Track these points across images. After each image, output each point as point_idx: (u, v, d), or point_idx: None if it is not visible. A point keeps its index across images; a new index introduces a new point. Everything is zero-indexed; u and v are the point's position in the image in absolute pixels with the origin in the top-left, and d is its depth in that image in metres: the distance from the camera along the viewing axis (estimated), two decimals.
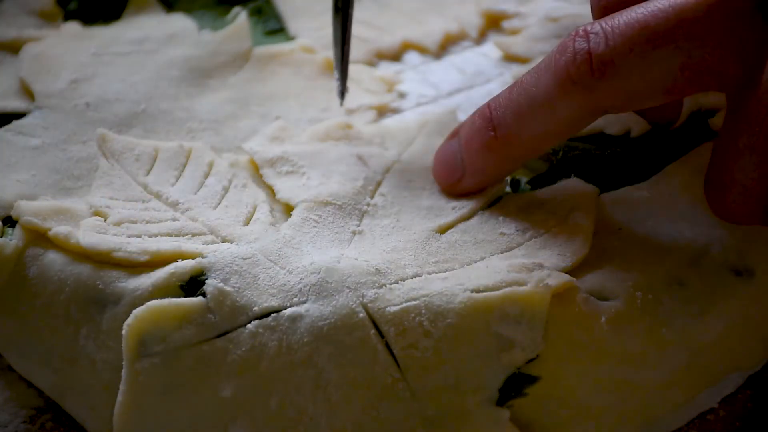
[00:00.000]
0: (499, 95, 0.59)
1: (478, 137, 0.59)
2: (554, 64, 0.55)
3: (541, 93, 0.56)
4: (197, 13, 0.79)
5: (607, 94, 0.54)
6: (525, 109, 0.57)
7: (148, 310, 0.54)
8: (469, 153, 0.60)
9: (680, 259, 0.58)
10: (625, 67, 0.53)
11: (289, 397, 0.54)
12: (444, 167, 0.62)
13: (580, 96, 0.55)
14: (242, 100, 0.71)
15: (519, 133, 0.58)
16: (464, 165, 0.60)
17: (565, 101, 0.55)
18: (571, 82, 0.54)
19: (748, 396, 0.59)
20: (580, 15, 0.77)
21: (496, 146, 0.59)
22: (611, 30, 0.54)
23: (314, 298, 0.55)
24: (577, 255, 0.58)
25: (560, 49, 0.55)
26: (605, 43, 0.54)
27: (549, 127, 0.57)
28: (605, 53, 0.53)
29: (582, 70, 0.54)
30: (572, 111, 0.56)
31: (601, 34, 0.54)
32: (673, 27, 0.53)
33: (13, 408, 0.60)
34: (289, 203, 0.62)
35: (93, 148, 0.66)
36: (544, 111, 0.56)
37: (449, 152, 0.61)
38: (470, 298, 0.54)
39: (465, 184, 0.61)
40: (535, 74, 0.57)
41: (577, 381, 0.55)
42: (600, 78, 0.54)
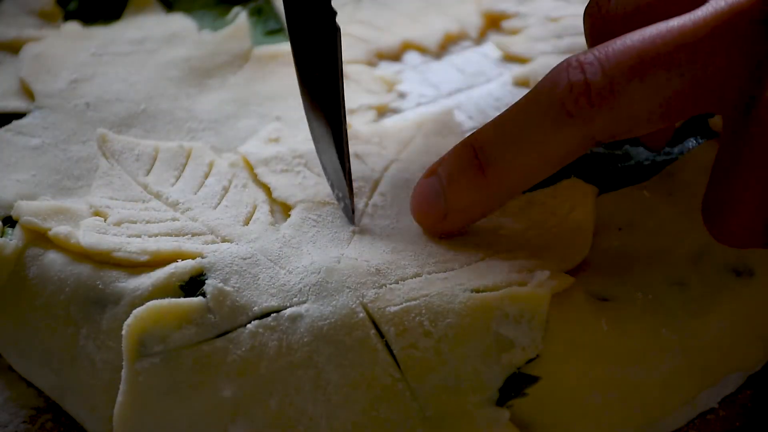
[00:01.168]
0: (482, 130, 0.57)
1: (463, 175, 0.57)
2: (547, 96, 0.53)
3: (533, 126, 0.54)
4: (197, 13, 0.79)
5: (605, 124, 0.53)
6: (515, 144, 0.55)
7: (147, 310, 0.54)
8: (454, 192, 0.57)
9: (680, 259, 0.58)
10: (624, 96, 0.52)
11: (289, 398, 0.54)
12: (425, 207, 0.59)
13: (576, 128, 0.53)
14: (242, 100, 0.71)
15: (509, 170, 0.55)
16: (447, 204, 0.57)
17: (560, 134, 0.53)
18: (568, 114, 0.52)
19: (748, 396, 0.59)
20: (580, 15, 0.77)
21: (484, 184, 0.56)
22: (606, 58, 0.52)
23: (314, 298, 0.55)
24: (577, 255, 0.58)
25: (552, 81, 0.53)
26: (602, 72, 0.52)
27: (541, 161, 0.55)
28: (603, 83, 0.52)
29: (580, 102, 0.52)
30: (567, 143, 0.54)
31: (596, 63, 0.52)
32: (672, 51, 0.51)
33: (13, 408, 0.60)
34: (286, 202, 0.62)
35: (93, 148, 0.66)
36: (537, 145, 0.54)
37: (430, 191, 0.58)
38: (470, 298, 0.54)
39: (449, 223, 0.58)
40: (524, 107, 0.55)
41: (577, 381, 0.55)
42: (598, 108, 0.52)
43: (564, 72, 0.53)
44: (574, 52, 0.73)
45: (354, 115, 0.70)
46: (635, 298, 0.56)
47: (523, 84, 0.73)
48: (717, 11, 0.52)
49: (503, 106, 0.72)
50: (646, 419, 0.56)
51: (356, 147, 0.66)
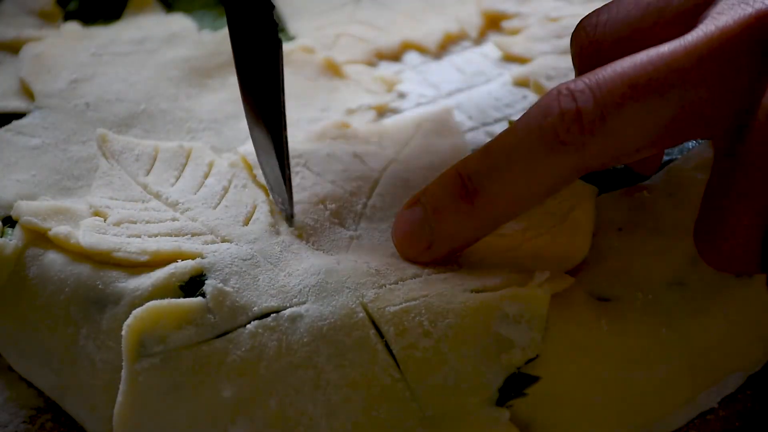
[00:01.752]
0: (470, 158, 0.56)
1: (451, 203, 0.56)
2: (538, 125, 0.52)
3: (524, 155, 0.53)
4: (197, 13, 0.79)
5: (597, 152, 0.52)
6: (505, 173, 0.54)
7: (147, 311, 0.54)
8: (440, 220, 0.56)
9: (680, 259, 0.58)
10: (615, 123, 0.51)
11: (289, 398, 0.54)
12: (409, 237, 0.57)
13: (568, 156, 0.52)
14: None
15: (498, 198, 0.55)
16: (433, 233, 0.56)
17: (551, 163, 0.52)
18: (560, 143, 0.52)
19: (748, 396, 0.59)
20: (580, 15, 0.77)
21: (473, 212, 0.55)
22: (597, 86, 0.52)
23: (314, 299, 0.55)
24: (577, 255, 0.58)
25: (543, 110, 0.52)
26: (593, 100, 0.51)
27: (532, 190, 0.54)
28: (594, 111, 0.51)
29: (572, 130, 0.51)
30: (559, 172, 0.53)
31: (587, 91, 0.52)
32: (663, 78, 0.51)
33: (13, 408, 0.60)
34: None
35: (93, 148, 0.66)
36: (527, 174, 0.53)
37: (413, 221, 0.57)
38: (470, 298, 0.54)
39: (434, 252, 0.57)
40: (513, 136, 0.54)
41: (577, 381, 0.55)
42: (591, 136, 0.51)
43: (555, 100, 0.52)
44: None
45: (354, 115, 0.70)
46: (635, 298, 0.56)
47: (523, 84, 0.73)
48: (707, 36, 0.51)
49: (503, 106, 0.72)
50: (646, 419, 0.56)
51: (356, 147, 0.66)
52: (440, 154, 0.66)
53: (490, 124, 0.71)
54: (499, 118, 0.71)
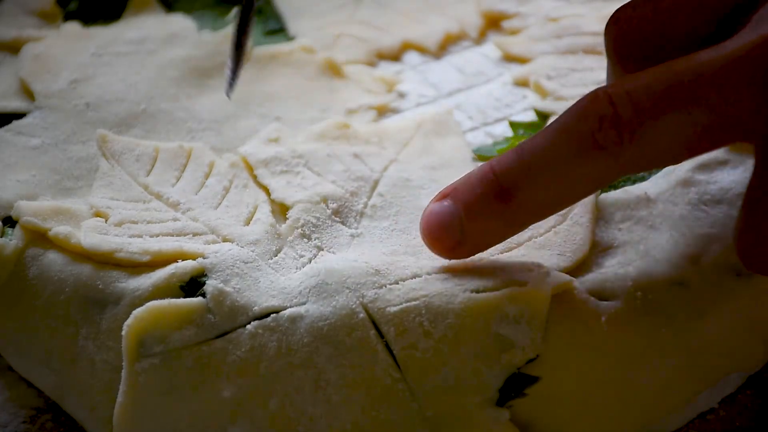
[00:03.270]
0: (504, 158, 0.55)
1: (482, 203, 0.55)
2: (576, 128, 0.52)
3: (559, 158, 0.53)
4: (197, 13, 0.79)
5: (633, 157, 0.52)
6: (538, 174, 0.53)
7: (147, 311, 0.54)
8: (472, 220, 0.55)
9: (680, 259, 0.58)
10: (653, 130, 0.51)
11: (289, 398, 0.54)
12: (439, 232, 0.56)
13: (603, 160, 0.52)
14: (242, 100, 0.71)
15: (533, 199, 0.54)
16: (465, 232, 0.55)
17: (587, 166, 0.52)
18: (597, 147, 0.51)
19: (748, 396, 0.59)
20: (580, 15, 0.77)
21: (506, 213, 0.54)
22: (635, 91, 0.51)
23: (314, 299, 0.55)
24: (577, 255, 0.58)
25: (581, 114, 0.52)
26: (631, 105, 0.51)
27: (566, 192, 0.54)
28: (632, 116, 0.51)
29: (609, 135, 0.51)
30: (594, 175, 0.53)
31: (625, 96, 0.51)
32: (703, 86, 0.50)
33: (13, 408, 0.60)
34: (284, 203, 0.62)
35: (93, 148, 0.66)
36: (563, 176, 0.53)
37: (444, 215, 0.56)
38: (470, 299, 0.54)
39: (464, 251, 0.56)
40: (550, 138, 0.53)
41: (577, 381, 0.55)
42: (628, 144, 0.51)
43: (593, 104, 0.52)
44: (574, 52, 0.74)
45: (354, 115, 0.70)
46: (635, 298, 0.56)
47: (523, 84, 0.73)
48: (747, 44, 0.51)
49: (503, 106, 0.72)
50: (646, 419, 0.56)
51: (356, 147, 0.66)
52: (440, 154, 0.66)
53: (490, 124, 0.71)
54: (499, 118, 0.71)
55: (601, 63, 0.72)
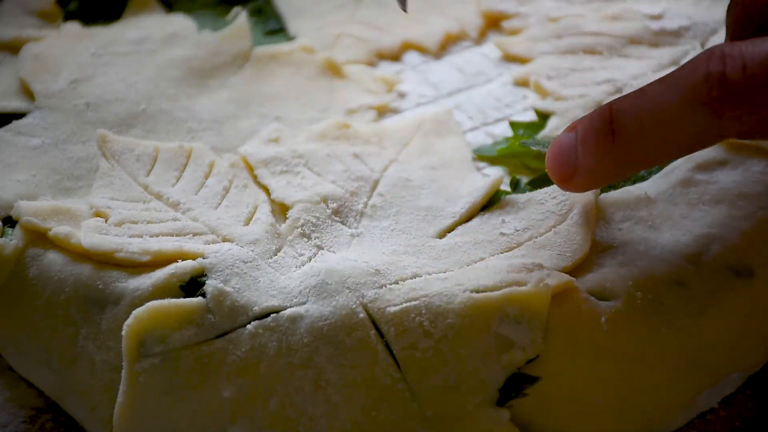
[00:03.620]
0: (621, 98, 0.56)
1: (595, 137, 0.56)
2: (684, 81, 0.53)
3: (667, 109, 0.53)
4: (197, 13, 0.79)
5: (735, 121, 0.52)
6: (647, 119, 0.54)
7: (147, 311, 0.54)
8: (585, 151, 0.56)
9: (680, 259, 0.58)
10: (759, 98, 0.51)
11: (289, 398, 0.54)
12: (558, 160, 0.58)
13: (706, 118, 0.52)
14: (242, 100, 0.71)
15: (637, 141, 0.55)
16: (578, 161, 0.57)
17: (690, 120, 0.52)
18: (701, 103, 0.52)
19: (748, 396, 0.59)
20: (581, 15, 0.77)
21: (613, 150, 0.55)
22: (751, 57, 0.51)
23: (314, 299, 0.55)
24: (577, 255, 0.58)
25: (692, 66, 0.53)
26: (742, 69, 0.51)
27: (668, 141, 0.54)
28: (741, 80, 0.51)
29: (713, 93, 0.51)
30: (696, 131, 0.53)
31: (738, 59, 0.51)
32: None
33: (13, 408, 0.60)
34: (284, 203, 0.62)
35: (93, 148, 0.66)
36: (669, 128, 0.53)
37: (565, 145, 0.57)
38: (470, 299, 0.54)
39: (577, 181, 0.57)
40: (664, 86, 0.54)
41: (577, 381, 0.55)
42: (731, 105, 0.51)
43: (705, 60, 0.52)
44: (574, 52, 0.74)
45: (354, 115, 0.70)
46: (635, 298, 0.56)
47: (523, 84, 0.73)
48: None
49: (503, 106, 0.72)
50: (646, 419, 0.56)
51: (356, 147, 0.66)
52: (440, 154, 0.66)
53: (490, 124, 0.71)
54: (499, 118, 0.71)
55: (601, 63, 0.72)
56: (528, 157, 0.66)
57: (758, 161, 0.62)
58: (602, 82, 0.71)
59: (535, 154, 0.65)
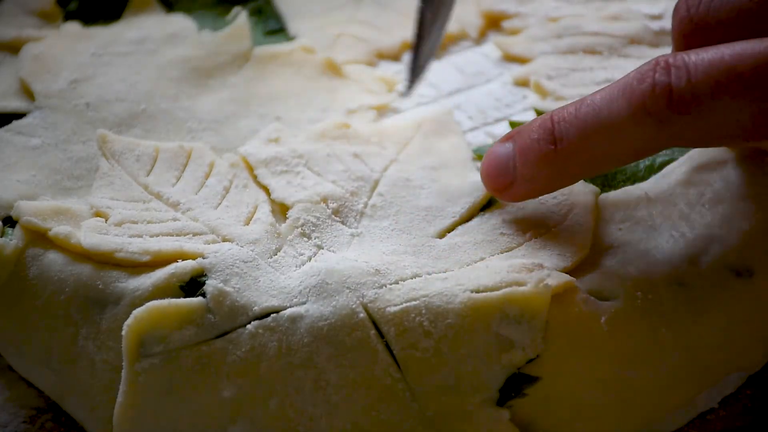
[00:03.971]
0: (564, 108, 0.56)
1: (536, 148, 0.57)
2: (630, 90, 0.53)
3: (612, 116, 0.54)
4: (197, 13, 0.79)
5: (680, 130, 0.52)
6: (591, 129, 0.54)
7: (147, 311, 0.54)
8: (524, 162, 0.57)
9: (680, 259, 0.58)
10: (704, 108, 0.51)
11: (289, 398, 0.54)
12: (494, 171, 0.59)
13: (651, 128, 0.52)
14: (242, 100, 0.71)
15: (580, 152, 0.55)
16: (516, 172, 0.58)
17: (635, 130, 0.53)
18: (646, 113, 0.52)
19: (748, 396, 0.59)
20: (581, 15, 0.77)
21: (554, 160, 0.56)
22: (695, 67, 0.51)
23: (314, 299, 0.55)
24: (577, 255, 0.58)
25: (639, 76, 0.53)
26: (687, 79, 0.51)
27: (612, 151, 0.55)
28: (686, 90, 0.51)
29: (659, 103, 0.52)
30: (640, 141, 0.53)
31: (683, 69, 0.51)
32: (760, 73, 0.50)
33: (13, 408, 0.60)
34: (284, 203, 0.62)
35: (93, 148, 0.66)
36: (611, 135, 0.54)
37: (502, 156, 0.58)
38: (470, 299, 0.54)
39: (514, 191, 0.58)
40: (608, 96, 0.54)
41: (577, 381, 0.55)
42: (676, 114, 0.51)
43: (651, 70, 0.52)
44: (574, 52, 0.74)
45: (354, 115, 0.70)
46: (635, 298, 0.56)
47: (523, 84, 0.73)
48: None
49: (503, 106, 0.72)
50: (646, 419, 0.57)
51: (356, 147, 0.66)
52: (440, 154, 0.66)
53: (490, 124, 0.71)
54: (499, 118, 0.71)
55: (601, 63, 0.72)
56: None
57: (758, 161, 0.62)
58: (602, 82, 0.71)
59: None
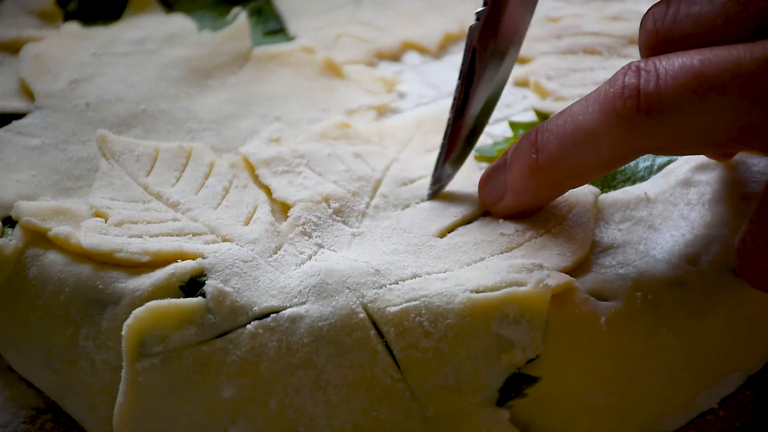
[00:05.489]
0: (548, 120, 0.57)
1: (520, 159, 0.57)
2: (603, 95, 0.53)
3: (586, 123, 0.54)
4: (197, 13, 0.79)
5: (650, 134, 0.52)
6: (569, 137, 0.55)
7: (147, 311, 0.54)
8: (512, 173, 0.58)
9: (680, 259, 0.58)
10: (671, 112, 0.51)
11: (289, 398, 0.54)
12: (486, 184, 0.60)
13: (622, 131, 0.53)
14: (242, 100, 0.71)
15: (560, 161, 0.56)
16: (506, 184, 0.59)
17: (607, 134, 0.53)
18: (616, 115, 0.52)
19: (748, 396, 0.59)
20: (581, 15, 0.77)
21: (537, 170, 0.57)
22: (664, 71, 0.52)
23: (314, 299, 0.55)
24: (577, 255, 0.58)
25: (610, 81, 0.53)
26: (656, 82, 0.51)
27: (590, 159, 0.55)
28: (653, 93, 0.51)
29: (628, 105, 0.52)
30: (613, 145, 0.53)
31: (653, 72, 0.52)
32: (727, 80, 0.50)
33: (13, 408, 0.60)
34: (285, 202, 0.62)
35: (93, 148, 0.66)
36: (587, 142, 0.54)
37: (492, 168, 0.60)
38: (470, 299, 0.54)
39: (505, 203, 0.59)
40: (585, 103, 0.55)
41: (577, 381, 0.55)
42: (645, 117, 0.52)
43: (622, 74, 0.53)
44: (574, 52, 0.74)
45: (354, 115, 0.70)
46: (635, 298, 0.56)
47: (523, 84, 0.73)
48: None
49: (503, 106, 0.72)
50: (646, 419, 0.57)
51: (357, 147, 0.66)
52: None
53: (489, 124, 0.71)
54: (499, 118, 0.71)
55: (601, 63, 0.72)
56: None
57: (758, 161, 0.62)
58: (602, 82, 0.70)
59: None
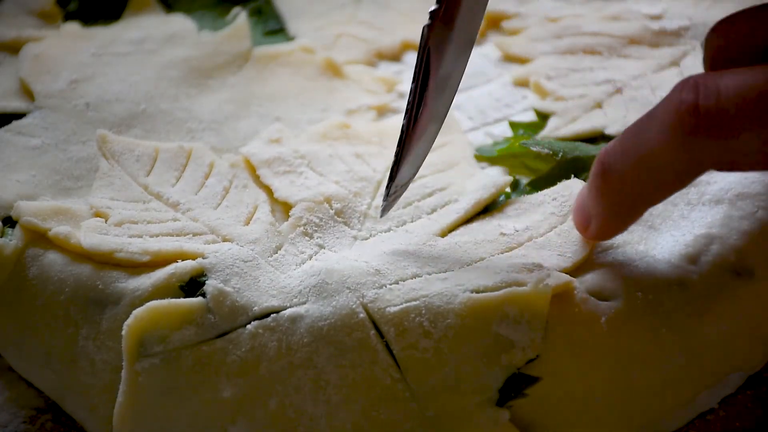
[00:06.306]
0: (613, 141, 0.55)
1: (592, 182, 0.56)
2: (660, 111, 0.52)
3: (646, 139, 0.52)
4: (197, 13, 0.79)
5: (709, 151, 0.51)
6: (631, 155, 0.53)
7: (147, 311, 0.54)
8: (588, 197, 0.56)
9: (680, 259, 0.58)
10: (733, 128, 0.50)
11: (289, 398, 0.54)
12: (577, 212, 0.58)
13: (680, 147, 0.51)
14: (242, 100, 0.71)
15: (625, 179, 0.54)
16: (589, 211, 0.57)
17: (665, 151, 0.52)
18: (673, 129, 0.51)
19: (748, 396, 0.59)
20: (580, 15, 0.77)
21: (606, 191, 0.55)
22: (725, 87, 0.50)
23: (314, 299, 0.55)
24: (577, 255, 0.58)
25: (668, 98, 0.52)
26: (716, 99, 0.50)
27: (653, 176, 0.53)
28: (714, 111, 0.50)
29: (685, 121, 0.50)
30: (672, 162, 0.52)
31: (713, 88, 0.50)
32: None
33: (13, 408, 0.60)
34: (287, 201, 0.62)
35: (93, 148, 0.66)
36: (648, 159, 0.52)
37: (583, 194, 0.58)
38: (470, 299, 0.54)
39: (591, 229, 0.57)
40: (646, 120, 0.53)
41: (577, 381, 0.55)
42: (705, 135, 0.50)
43: (679, 89, 0.51)
44: (574, 52, 0.74)
45: (354, 116, 0.70)
46: (635, 298, 0.56)
47: (523, 84, 0.73)
48: None
49: (503, 106, 0.72)
50: (646, 419, 0.56)
51: (357, 147, 0.66)
52: (441, 154, 0.66)
53: (490, 124, 0.71)
54: (499, 118, 0.71)
55: (601, 63, 0.73)
56: (528, 158, 0.66)
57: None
58: (602, 82, 0.71)
59: (534, 154, 0.65)
